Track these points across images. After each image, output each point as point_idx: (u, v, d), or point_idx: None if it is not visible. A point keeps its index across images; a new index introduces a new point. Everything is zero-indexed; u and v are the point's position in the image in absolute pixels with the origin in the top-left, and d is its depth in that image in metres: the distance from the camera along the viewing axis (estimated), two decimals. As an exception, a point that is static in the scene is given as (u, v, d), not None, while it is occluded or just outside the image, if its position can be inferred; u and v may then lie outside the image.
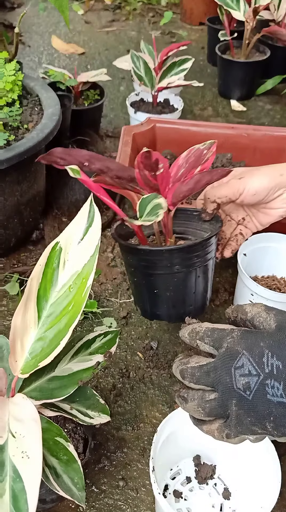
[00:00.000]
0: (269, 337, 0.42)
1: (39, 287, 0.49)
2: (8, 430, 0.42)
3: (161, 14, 2.29)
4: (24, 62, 1.76)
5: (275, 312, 0.44)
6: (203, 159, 0.61)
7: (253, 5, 1.34)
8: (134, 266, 0.66)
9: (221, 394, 0.43)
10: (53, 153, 0.57)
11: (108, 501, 0.62)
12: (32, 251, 0.99)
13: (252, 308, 0.47)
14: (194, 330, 0.49)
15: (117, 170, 0.58)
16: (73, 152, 0.57)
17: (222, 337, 0.45)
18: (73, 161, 0.57)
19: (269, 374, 0.40)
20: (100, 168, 0.58)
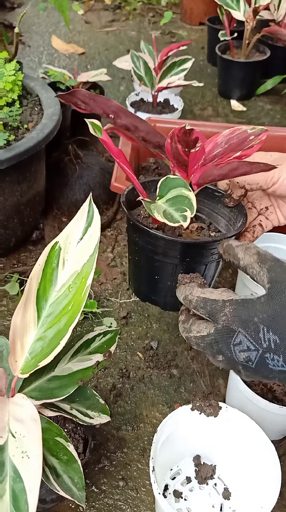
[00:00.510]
0: (262, 310, 0.42)
1: (38, 287, 0.49)
2: (8, 430, 0.42)
3: (161, 14, 2.30)
4: (24, 62, 1.76)
5: (268, 267, 0.44)
6: (247, 145, 0.54)
7: (253, 5, 1.34)
8: (139, 246, 0.60)
9: (227, 361, 0.44)
10: (76, 94, 0.50)
11: (108, 501, 0.62)
12: (32, 251, 0.99)
13: (244, 255, 0.46)
14: (186, 298, 0.49)
15: (145, 132, 0.52)
16: (99, 99, 0.50)
17: (215, 311, 0.45)
18: (97, 108, 0.51)
19: (268, 349, 0.41)
20: (126, 124, 0.52)
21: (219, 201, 0.64)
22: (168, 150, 0.51)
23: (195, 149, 0.49)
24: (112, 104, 0.51)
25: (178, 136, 0.48)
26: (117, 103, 0.51)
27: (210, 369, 0.78)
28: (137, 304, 0.88)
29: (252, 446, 0.58)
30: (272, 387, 0.70)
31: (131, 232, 0.61)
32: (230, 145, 0.54)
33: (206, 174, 0.54)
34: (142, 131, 0.53)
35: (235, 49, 1.53)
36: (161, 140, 0.53)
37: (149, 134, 0.53)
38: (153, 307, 0.88)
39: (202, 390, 0.75)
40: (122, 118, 0.52)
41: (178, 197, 0.51)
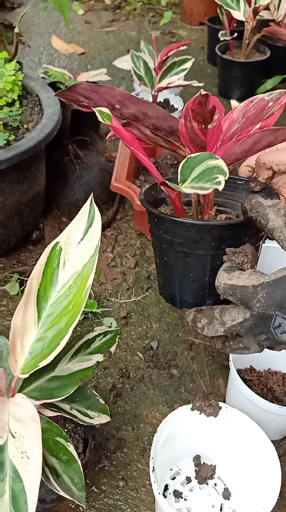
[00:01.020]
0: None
1: (39, 287, 0.49)
2: (8, 431, 0.42)
3: (161, 14, 2.29)
4: (24, 62, 1.76)
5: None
6: (266, 114, 0.49)
7: (253, 5, 1.34)
8: (168, 242, 0.54)
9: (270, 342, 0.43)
10: (75, 89, 0.45)
11: (108, 501, 0.62)
12: (32, 251, 0.99)
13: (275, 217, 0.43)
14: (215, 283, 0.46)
15: (156, 117, 0.48)
16: (102, 90, 0.46)
17: (247, 299, 0.43)
18: (101, 101, 0.46)
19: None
20: (134, 113, 0.47)
21: (243, 190, 0.58)
22: (182, 132, 0.47)
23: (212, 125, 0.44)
24: (116, 92, 0.46)
25: (192, 111, 0.43)
26: (121, 90, 0.46)
27: (210, 369, 0.78)
28: (137, 304, 0.88)
29: (252, 446, 0.58)
30: (272, 387, 0.70)
31: (156, 230, 0.56)
32: (248, 118, 0.49)
33: (228, 154, 0.49)
34: (152, 117, 0.48)
35: (235, 49, 1.53)
36: (174, 123, 0.48)
37: (160, 119, 0.48)
38: (153, 307, 0.88)
39: (202, 390, 0.75)
40: (129, 107, 0.47)
41: (204, 172, 0.45)
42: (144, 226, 1.01)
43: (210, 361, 0.79)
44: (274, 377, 0.71)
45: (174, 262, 0.55)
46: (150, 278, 0.94)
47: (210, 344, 0.47)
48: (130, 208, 1.11)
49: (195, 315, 0.50)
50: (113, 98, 0.47)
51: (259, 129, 0.48)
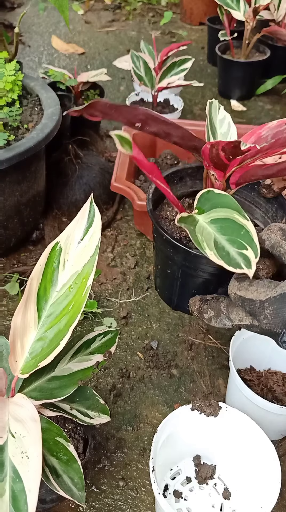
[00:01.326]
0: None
1: (39, 287, 0.49)
2: (8, 431, 0.42)
3: (161, 14, 2.29)
4: (24, 62, 1.76)
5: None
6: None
7: (253, 5, 1.34)
8: (174, 261, 0.55)
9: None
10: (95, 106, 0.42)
11: (108, 501, 0.62)
12: (32, 251, 0.99)
13: (269, 235, 0.43)
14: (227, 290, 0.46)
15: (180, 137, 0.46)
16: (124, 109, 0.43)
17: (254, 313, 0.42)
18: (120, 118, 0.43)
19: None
20: (156, 132, 0.45)
21: (253, 189, 0.58)
22: (206, 154, 0.46)
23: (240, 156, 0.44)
24: (139, 112, 0.43)
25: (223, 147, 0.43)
26: (144, 110, 0.44)
27: (210, 369, 0.78)
28: (137, 304, 0.88)
29: (252, 446, 0.58)
30: (272, 387, 0.70)
31: (162, 245, 0.55)
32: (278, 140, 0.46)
33: (249, 174, 0.48)
34: (176, 137, 0.47)
35: (235, 49, 1.53)
36: (198, 144, 0.47)
37: (185, 139, 0.47)
38: (153, 307, 0.88)
39: (202, 390, 0.75)
40: (151, 126, 0.45)
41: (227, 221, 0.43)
42: (144, 226, 1.01)
43: (210, 361, 0.79)
44: (274, 377, 0.71)
45: (177, 277, 0.56)
46: (150, 278, 0.94)
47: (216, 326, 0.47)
48: (130, 208, 1.11)
49: (201, 305, 0.49)
50: (135, 117, 0.44)
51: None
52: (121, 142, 0.42)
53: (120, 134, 0.42)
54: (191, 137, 0.47)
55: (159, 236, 0.55)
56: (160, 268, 0.60)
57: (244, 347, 0.70)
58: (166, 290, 0.60)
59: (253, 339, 0.70)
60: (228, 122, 0.58)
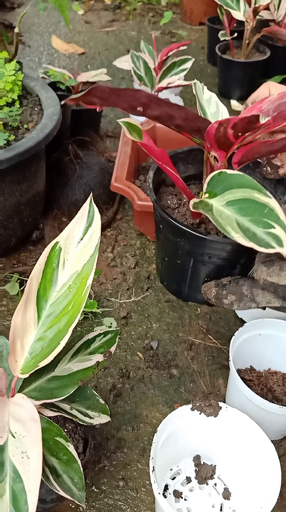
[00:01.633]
0: None
1: (38, 287, 0.49)
2: (8, 431, 0.42)
3: (161, 14, 2.30)
4: (24, 62, 1.76)
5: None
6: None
7: (253, 5, 1.34)
8: (183, 250, 0.53)
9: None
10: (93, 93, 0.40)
11: (108, 501, 0.62)
12: (32, 251, 0.99)
13: None
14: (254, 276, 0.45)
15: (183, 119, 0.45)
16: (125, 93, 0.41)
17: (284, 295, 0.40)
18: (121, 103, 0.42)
19: None
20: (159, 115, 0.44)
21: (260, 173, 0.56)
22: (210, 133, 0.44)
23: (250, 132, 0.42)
24: (141, 95, 0.42)
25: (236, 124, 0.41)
26: (147, 93, 0.42)
27: (210, 369, 0.78)
28: (137, 304, 0.88)
29: (252, 446, 0.58)
30: (272, 387, 0.70)
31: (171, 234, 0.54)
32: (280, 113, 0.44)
33: (253, 152, 0.46)
34: (179, 119, 0.44)
35: (235, 49, 1.53)
36: (203, 124, 0.45)
37: (187, 120, 0.45)
38: (153, 307, 0.88)
39: (202, 390, 0.75)
40: (153, 109, 0.43)
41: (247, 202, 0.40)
42: (144, 226, 1.01)
43: (210, 361, 0.79)
44: (274, 377, 0.71)
45: (187, 267, 0.54)
46: (150, 278, 0.94)
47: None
48: (130, 208, 1.11)
49: (218, 291, 0.47)
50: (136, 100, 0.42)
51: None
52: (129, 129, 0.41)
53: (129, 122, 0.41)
54: (195, 117, 0.45)
55: (167, 226, 0.53)
56: (168, 260, 0.58)
57: (244, 347, 0.70)
58: (174, 282, 0.58)
59: (253, 339, 0.70)
60: (216, 102, 0.57)
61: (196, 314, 0.87)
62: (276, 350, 0.72)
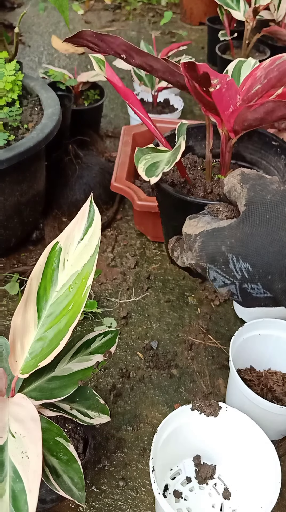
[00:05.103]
0: (231, 235, 0.38)
1: (39, 287, 0.49)
2: (8, 431, 0.42)
3: (161, 14, 2.30)
4: (24, 62, 1.76)
5: (249, 186, 0.39)
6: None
7: (253, 5, 1.34)
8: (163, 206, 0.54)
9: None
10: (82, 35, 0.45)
11: (108, 501, 0.62)
12: (32, 251, 0.99)
13: (229, 179, 0.41)
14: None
15: (162, 71, 0.46)
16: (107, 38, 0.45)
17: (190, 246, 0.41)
18: (108, 49, 0.46)
19: (242, 279, 0.38)
20: (140, 64, 0.46)
21: (276, 154, 0.54)
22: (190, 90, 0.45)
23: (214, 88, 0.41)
24: (120, 42, 0.45)
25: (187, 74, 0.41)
26: (125, 41, 0.45)
27: (210, 369, 0.78)
28: (137, 304, 0.88)
29: (252, 446, 0.58)
30: (272, 387, 0.70)
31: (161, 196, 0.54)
32: (270, 80, 0.44)
33: (240, 119, 0.45)
34: (159, 71, 0.46)
35: (235, 49, 1.53)
36: (180, 79, 0.46)
37: (167, 73, 0.46)
38: (153, 307, 0.88)
39: (202, 390, 0.75)
40: (135, 58, 0.45)
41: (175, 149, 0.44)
42: (144, 226, 1.01)
43: (210, 361, 0.79)
44: (274, 377, 0.71)
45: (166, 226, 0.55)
46: (150, 278, 0.94)
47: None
48: (130, 208, 1.11)
49: (174, 243, 0.48)
50: (118, 47, 0.45)
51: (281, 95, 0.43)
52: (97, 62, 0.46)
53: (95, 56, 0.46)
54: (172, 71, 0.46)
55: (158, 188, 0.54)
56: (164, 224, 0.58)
57: (244, 347, 0.70)
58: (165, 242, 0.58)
59: (253, 339, 0.70)
60: None
61: (196, 314, 0.87)
62: (276, 350, 0.72)
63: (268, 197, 0.38)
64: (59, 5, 0.72)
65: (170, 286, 0.92)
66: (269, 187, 0.39)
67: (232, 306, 0.88)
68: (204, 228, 0.40)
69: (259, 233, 0.37)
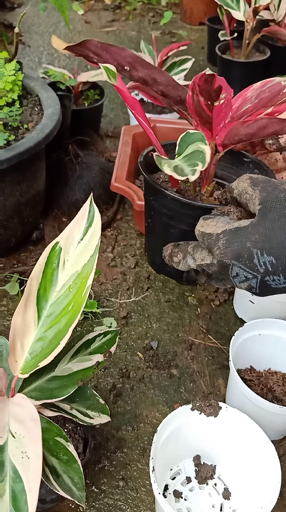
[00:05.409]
0: (254, 232, 0.41)
1: (39, 287, 0.49)
2: (8, 431, 0.42)
3: (161, 14, 2.30)
4: (24, 62, 1.76)
5: (260, 188, 0.42)
6: (280, 99, 0.48)
7: (253, 5, 1.34)
8: (155, 210, 0.55)
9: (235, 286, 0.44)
10: (86, 45, 0.46)
11: (108, 501, 0.62)
12: (32, 251, 0.99)
13: (238, 183, 0.44)
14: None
15: (165, 85, 0.48)
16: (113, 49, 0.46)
17: (210, 245, 0.44)
18: (111, 60, 0.47)
19: (266, 272, 0.40)
20: (143, 77, 0.47)
21: (248, 168, 0.59)
22: (189, 104, 0.47)
23: (219, 102, 0.45)
24: (127, 54, 0.46)
25: (199, 86, 0.44)
26: (132, 53, 0.46)
27: (210, 369, 0.78)
28: (137, 304, 0.88)
29: (252, 446, 0.58)
30: (272, 387, 0.70)
31: (147, 195, 0.57)
32: (261, 100, 0.48)
33: (232, 133, 0.48)
34: (161, 84, 0.48)
35: (235, 49, 1.53)
36: (182, 93, 0.48)
37: (169, 87, 0.48)
38: (153, 307, 0.88)
39: (202, 390, 0.75)
40: (138, 70, 0.47)
41: (194, 153, 0.46)
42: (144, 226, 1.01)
43: (210, 361, 0.79)
44: (274, 377, 0.71)
45: (158, 230, 0.57)
46: (150, 278, 0.94)
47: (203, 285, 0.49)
48: (130, 208, 1.11)
49: (172, 249, 0.50)
50: (123, 59, 0.46)
51: (270, 114, 0.48)
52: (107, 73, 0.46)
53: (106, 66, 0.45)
54: (176, 85, 0.48)
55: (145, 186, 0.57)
56: (146, 226, 0.60)
57: (244, 347, 0.70)
58: (150, 250, 0.61)
59: (253, 339, 0.71)
60: None
61: (196, 314, 0.87)
62: (276, 350, 0.72)
63: (281, 195, 0.41)
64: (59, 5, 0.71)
65: (170, 286, 0.92)
66: (279, 187, 0.42)
67: (232, 306, 0.88)
68: (226, 227, 0.43)
69: (281, 227, 0.40)
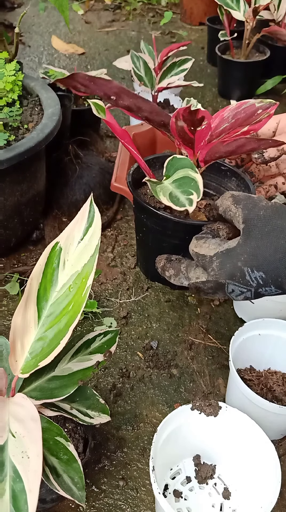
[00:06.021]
0: (242, 251, 0.45)
1: (39, 287, 0.49)
2: (8, 430, 0.42)
3: (161, 14, 2.30)
4: (24, 62, 1.76)
5: (242, 206, 0.47)
6: (255, 120, 0.52)
7: (253, 5, 1.34)
8: (147, 227, 0.60)
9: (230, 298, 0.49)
10: (75, 77, 0.49)
11: (108, 500, 0.62)
12: (32, 251, 0.99)
13: (222, 201, 0.49)
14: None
15: (149, 112, 0.52)
16: (99, 81, 0.50)
17: (205, 265, 0.48)
18: (98, 91, 0.50)
19: (258, 286, 0.45)
20: (129, 105, 0.52)
21: (226, 175, 0.64)
22: (173, 128, 0.51)
23: (201, 127, 0.49)
24: (113, 85, 0.50)
25: (183, 116, 0.48)
26: (118, 84, 0.50)
27: (210, 369, 0.78)
28: (137, 304, 0.88)
29: (252, 446, 0.58)
30: (272, 387, 0.70)
31: (138, 213, 0.62)
32: (237, 119, 0.53)
33: (213, 151, 0.54)
34: (145, 111, 0.53)
35: (235, 49, 1.53)
36: (165, 118, 0.53)
37: (153, 113, 0.53)
38: (153, 307, 0.88)
39: (202, 390, 0.75)
40: (124, 99, 0.51)
41: (184, 179, 0.51)
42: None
43: (210, 361, 0.79)
44: (274, 377, 0.71)
45: (151, 244, 0.61)
46: (150, 278, 0.94)
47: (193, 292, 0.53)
48: (130, 208, 1.11)
49: (165, 263, 0.55)
50: (110, 90, 0.50)
51: (246, 132, 0.53)
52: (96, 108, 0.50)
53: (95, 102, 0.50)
54: (159, 111, 0.53)
55: (136, 204, 0.62)
56: (138, 239, 0.66)
57: (244, 347, 0.70)
58: (143, 260, 0.66)
59: (253, 339, 0.71)
60: None
61: (196, 314, 0.87)
62: (276, 350, 0.72)
63: (261, 213, 0.46)
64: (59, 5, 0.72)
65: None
66: (259, 204, 0.47)
67: (232, 306, 0.89)
68: (217, 249, 0.47)
69: (264, 245, 0.44)
